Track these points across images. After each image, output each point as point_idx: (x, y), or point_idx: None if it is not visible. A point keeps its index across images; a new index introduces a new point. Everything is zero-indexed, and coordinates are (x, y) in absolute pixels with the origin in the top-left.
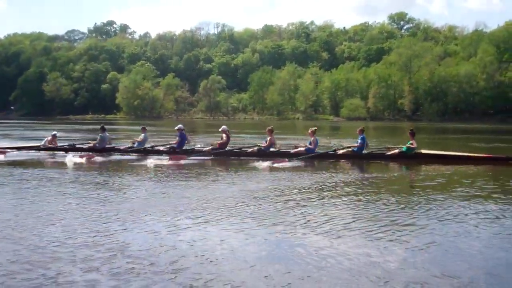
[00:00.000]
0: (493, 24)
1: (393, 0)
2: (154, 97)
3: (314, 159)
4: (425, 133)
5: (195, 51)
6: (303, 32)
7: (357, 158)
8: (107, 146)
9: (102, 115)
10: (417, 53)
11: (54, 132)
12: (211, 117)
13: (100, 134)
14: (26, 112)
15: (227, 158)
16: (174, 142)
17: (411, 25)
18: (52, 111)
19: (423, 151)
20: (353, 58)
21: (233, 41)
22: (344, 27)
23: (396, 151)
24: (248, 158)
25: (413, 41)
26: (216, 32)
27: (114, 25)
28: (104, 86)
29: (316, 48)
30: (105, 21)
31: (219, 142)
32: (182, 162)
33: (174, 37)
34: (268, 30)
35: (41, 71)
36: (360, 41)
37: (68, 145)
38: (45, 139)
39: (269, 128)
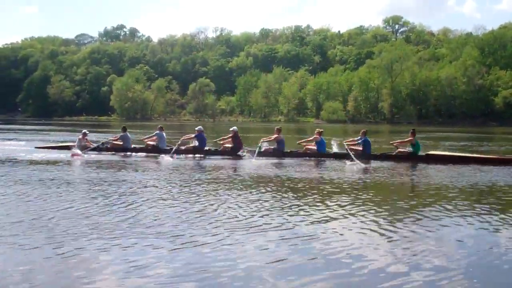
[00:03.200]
0: None
1: (423, 2)
2: (145, 99)
3: (324, 159)
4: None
5: (192, 54)
6: (298, 35)
7: (366, 158)
8: (134, 146)
9: (96, 117)
10: (399, 56)
11: (84, 131)
12: (197, 119)
13: (121, 134)
14: (31, 114)
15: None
16: (188, 138)
17: (406, 28)
18: (55, 112)
19: (432, 152)
20: (345, 61)
21: (230, 45)
22: (339, 31)
23: (405, 151)
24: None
25: (396, 45)
26: (214, 36)
27: (124, 29)
28: (104, 88)
29: (309, 52)
30: (115, 25)
31: (229, 145)
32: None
33: (174, 41)
34: (265, 34)
35: (46, 74)
36: (353, 45)
37: (99, 145)
38: (77, 138)
39: (277, 127)
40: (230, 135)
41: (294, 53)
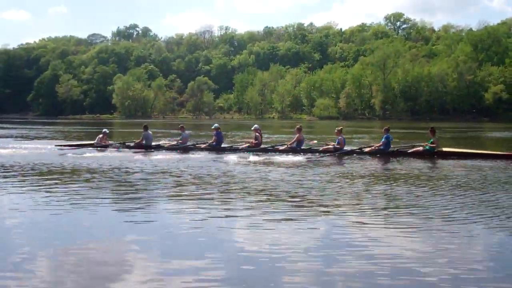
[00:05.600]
0: None
1: None
2: (144, 97)
3: (342, 156)
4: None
5: (196, 53)
6: (300, 33)
7: (383, 155)
8: (153, 144)
9: (97, 115)
10: (392, 53)
11: (105, 130)
12: (194, 116)
13: (143, 133)
14: (41, 113)
15: (262, 154)
16: (212, 140)
17: (407, 25)
18: (64, 111)
19: (445, 149)
20: (344, 58)
21: (233, 44)
22: (341, 28)
23: (420, 148)
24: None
25: (388, 42)
26: (219, 35)
27: (137, 29)
28: (110, 87)
29: (309, 49)
30: (128, 25)
31: (254, 141)
32: (218, 157)
33: (181, 40)
34: (269, 32)
35: (56, 74)
36: (353, 42)
37: (119, 143)
38: (98, 137)
39: (297, 126)
40: (255, 133)
41: (295, 51)
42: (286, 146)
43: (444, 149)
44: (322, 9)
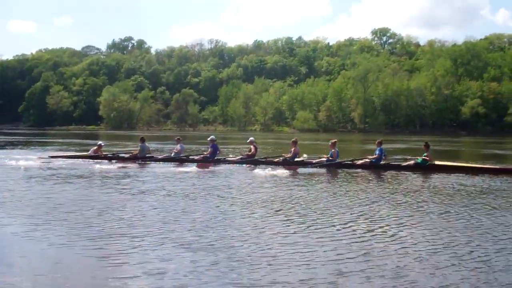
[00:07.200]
0: None
1: (457, 12)
2: (130, 109)
3: (335, 168)
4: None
5: (185, 65)
6: (288, 47)
7: (375, 168)
8: (147, 155)
9: (84, 126)
10: (373, 67)
11: (100, 142)
12: (178, 128)
13: (140, 144)
14: (32, 124)
15: (255, 166)
16: (207, 152)
17: (393, 40)
18: (54, 122)
19: (437, 163)
20: (330, 72)
21: (223, 56)
22: (328, 42)
23: (412, 162)
24: (275, 166)
25: (368, 56)
26: (210, 48)
27: (132, 41)
28: (99, 99)
29: (296, 63)
30: (123, 37)
31: (248, 153)
32: (212, 169)
33: (171, 52)
34: (259, 46)
35: (47, 85)
36: (339, 56)
37: (112, 154)
38: (92, 149)
39: (293, 139)
40: (250, 146)
41: (282, 64)
42: (280, 158)
43: (436, 162)
44: (328, 22)
